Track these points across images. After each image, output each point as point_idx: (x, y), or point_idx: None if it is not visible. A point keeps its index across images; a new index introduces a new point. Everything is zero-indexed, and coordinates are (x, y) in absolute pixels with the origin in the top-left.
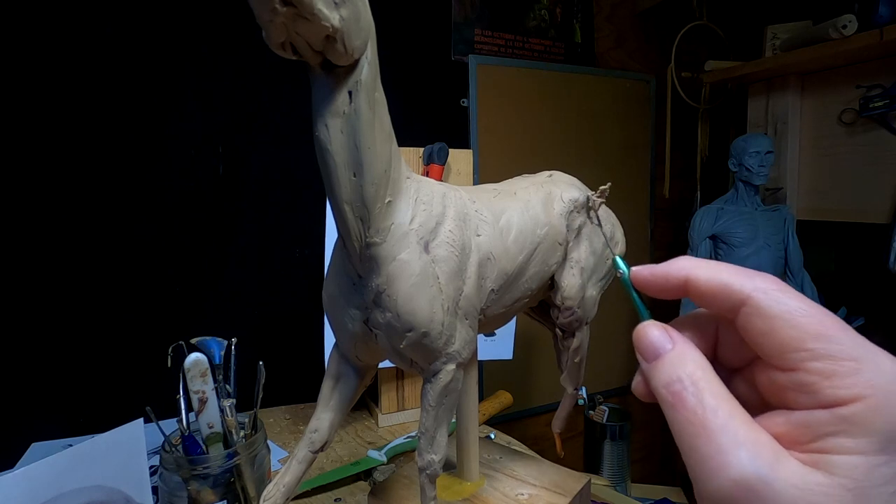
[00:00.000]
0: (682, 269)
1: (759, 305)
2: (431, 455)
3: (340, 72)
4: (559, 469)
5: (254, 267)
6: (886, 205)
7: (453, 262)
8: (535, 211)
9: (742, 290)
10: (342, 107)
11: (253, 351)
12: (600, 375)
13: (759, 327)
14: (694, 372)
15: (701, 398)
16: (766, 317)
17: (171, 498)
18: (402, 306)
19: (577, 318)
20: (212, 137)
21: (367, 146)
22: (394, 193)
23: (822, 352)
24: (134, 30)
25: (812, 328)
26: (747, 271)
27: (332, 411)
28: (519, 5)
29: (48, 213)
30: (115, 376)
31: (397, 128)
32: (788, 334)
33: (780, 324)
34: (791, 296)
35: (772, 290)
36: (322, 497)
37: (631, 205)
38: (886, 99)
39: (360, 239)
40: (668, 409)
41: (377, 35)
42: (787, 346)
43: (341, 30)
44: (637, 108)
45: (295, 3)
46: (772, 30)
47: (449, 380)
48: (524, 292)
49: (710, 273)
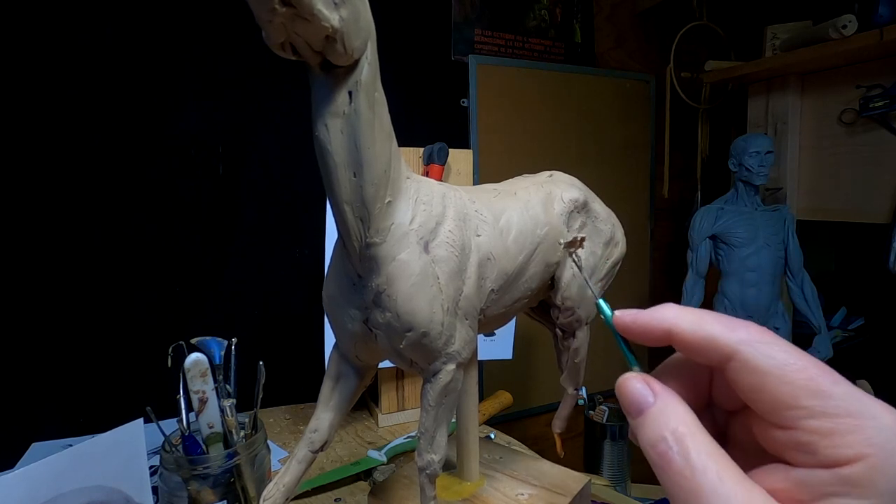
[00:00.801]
0: (664, 320)
1: (748, 360)
2: (431, 455)
3: (340, 72)
4: (560, 469)
5: (254, 267)
6: (886, 205)
7: (453, 262)
8: (535, 211)
9: (728, 344)
10: (342, 107)
11: (253, 351)
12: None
13: (749, 383)
14: (677, 428)
15: (688, 458)
16: (757, 373)
17: (171, 498)
18: (401, 306)
19: (577, 319)
20: (212, 137)
21: (366, 146)
22: (394, 193)
23: (819, 409)
24: (134, 30)
25: (806, 384)
26: (732, 321)
27: (331, 411)
28: (519, 5)
29: (48, 213)
30: (115, 376)
31: (397, 128)
32: (781, 391)
33: (772, 380)
34: (780, 348)
35: (759, 344)
36: (322, 497)
37: (631, 205)
38: (886, 99)
39: (360, 239)
40: (656, 469)
41: (377, 35)
42: (782, 404)
43: (341, 30)
44: (637, 108)
45: (294, 3)
46: (772, 30)
47: (449, 380)
48: (524, 292)
49: (694, 325)
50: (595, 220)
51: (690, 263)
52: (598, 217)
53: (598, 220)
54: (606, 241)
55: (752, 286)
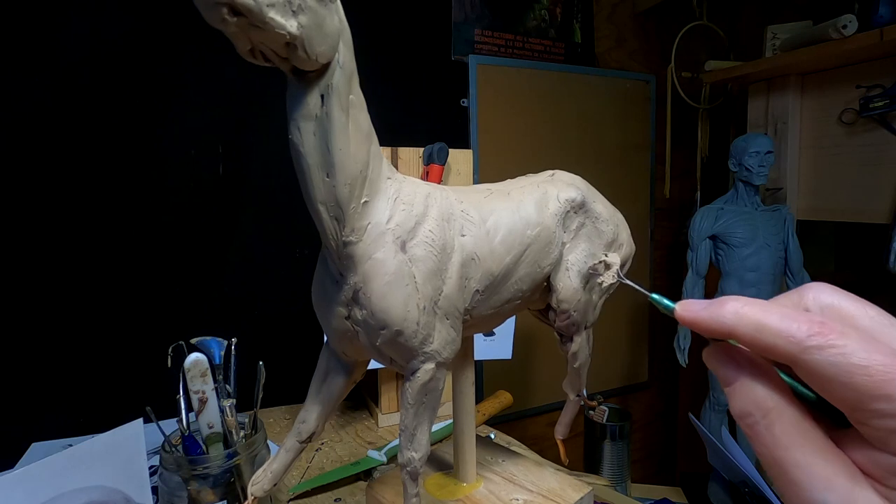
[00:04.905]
0: (724, 325)
1: (811, 369)
2: (411, 453)
3: (311, 76)
4: (562, 477)
5: (254, 267)
6: (886, 205)
7: (431, 262)
8: (527, 211)
9: (788, 352)
10: (314, 110)
11: (253, 351)
12: (600, 375)
13: (816, 385)
14: (764, 402)
15: (772, 432)
16: (821, 379)
17: (171, 498)
18: (375, 304)
19: (574, 323)
20: (212, 137)
21: (338, 148)
22: (371, 194)
23: (887, 412)
24: (134, 30)
25: (872, 388)
26: (796, 320)
27: (320, 404)
28: (519, 5)
29: (48, 213)
30: (115, 376)
31: (397, 128)
32: (847, 395)
33: (837, 386)
34: (844, 351)
35: (822, 350)
36: (322, 497)
37: (631, 205)
38: (886, 99)
39: (337, 238)
40: (748, 438)
41: (378, 36)
42: (849, 406)
43: (301, 37)
44: (637, 108)
45: (245, 13)
46: (772, 30)
47: (427, 379)
48: (514, 294)
49: (754, 332)
50: (596, 220)
51: (690, 263)
52: (598, 217)
53: (598, 220)
54: (608, 242)
55: (752, 286)
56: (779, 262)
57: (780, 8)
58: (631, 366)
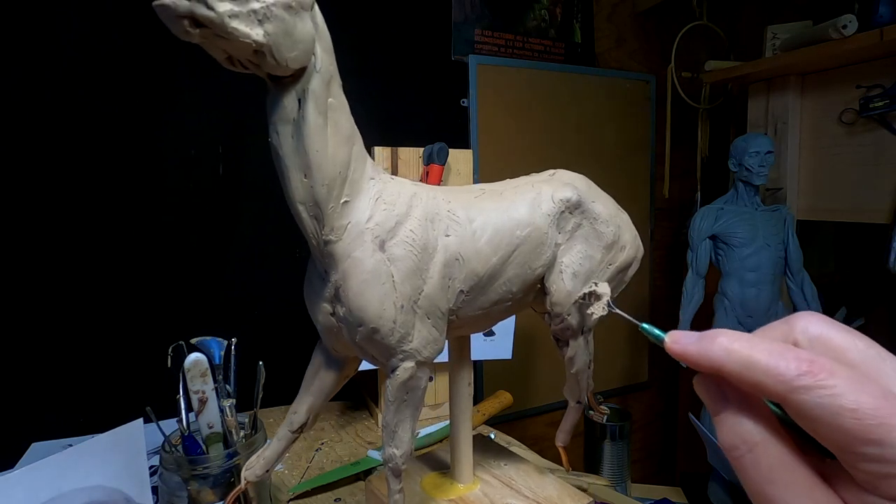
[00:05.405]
0: (712, 361)
1: (798, 409)
2: (393, 449)
3: (287, 81)
4: (562, 486)
5: (254, 267)
6: (886, 205)
7: (410, 261)
8: (518, 212)
9: (776, 392)
10: (291, 114)
11: (253, 351)
12: (600, 375)
13: (804, 424)
14: (751, 437)
15: (758, 467)
16: (809, 419)
17: (171, 498)
18: (353, 301)
19: (568, 327)
20: (212, 137)
21: (315, 150)
22: (352, 194)
23: (874, 455)
24: (134, 30)
25: (859, 432)
26: (784, 355)
27: (311, 396)
28: (519, 5)
29: (48, 214)
30: (115, 376)
31: (397, 128)
32: (834, 437)
33: (824, 427)
34: (832, 392)
35: (809, 390)
36: (322, 497)
37: (631, 205)
38: (886, 99)
39: (318, 237)
40: (735, 471)
41: (378, 36)
42: (836, 448)
43: (268, 44)
44: (637, 108)
45: (207, 24)
46: (772, 30)
47: (407, 377)
48: (503, 295)
49: (742, 369)
50: (594, 221)
51: (690, 263)
52: (597, 218)
53: (597, 221)
54: (608, 244)
55: (751, 286)
56: (779, 262)
57: (780, 8)
58: (631, 366)
